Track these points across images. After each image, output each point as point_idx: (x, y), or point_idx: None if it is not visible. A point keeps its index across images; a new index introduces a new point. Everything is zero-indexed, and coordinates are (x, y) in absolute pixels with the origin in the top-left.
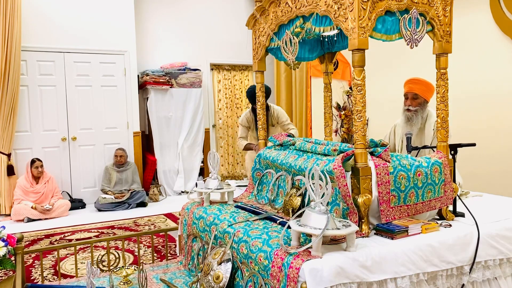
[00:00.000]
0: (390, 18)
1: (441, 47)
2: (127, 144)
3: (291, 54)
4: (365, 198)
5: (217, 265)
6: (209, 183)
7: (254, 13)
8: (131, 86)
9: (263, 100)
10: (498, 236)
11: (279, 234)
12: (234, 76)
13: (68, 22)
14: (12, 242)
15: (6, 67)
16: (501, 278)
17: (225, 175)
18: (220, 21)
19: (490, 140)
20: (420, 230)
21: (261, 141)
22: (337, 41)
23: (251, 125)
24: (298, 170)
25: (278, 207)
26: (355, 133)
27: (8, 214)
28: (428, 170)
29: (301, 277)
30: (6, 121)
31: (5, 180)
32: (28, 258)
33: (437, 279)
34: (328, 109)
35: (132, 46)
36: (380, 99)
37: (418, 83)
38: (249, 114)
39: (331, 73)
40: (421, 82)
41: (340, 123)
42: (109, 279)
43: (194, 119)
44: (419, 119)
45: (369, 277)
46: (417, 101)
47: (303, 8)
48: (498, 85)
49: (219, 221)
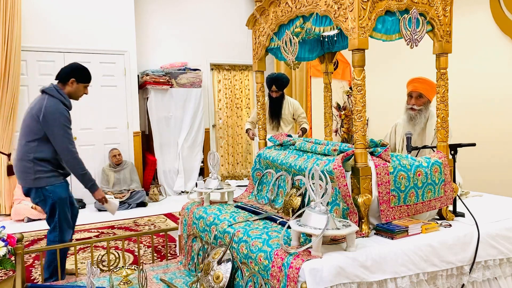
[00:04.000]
0: (390, 18)
1: (441, 47)
2: (127, 144)
3: (291, 54)
4: (365, 198)
5: (217, 265)
6: (209, 183)
7: (254, 13)
8: (131, 86)
9: (263, 100)
10: (498, 236)
11: (279, 234)
12: (234, 76)
13: (68, 22)
14: (12, 242)
15: (6, 67)
16: (501, 278)
17: (225, 175)
18: (220, 21)
19: (489, 140)
20: (420, 230)
21: (261, 141)
22: (337, 41)
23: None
24: (298, 170)
25: (278, 207)
26: (355, 133)
27: (8, 214)
28: (428, 170)
29: (301, 277)
30: (6, 121)
31: (5, 180)
32: (28, 258)
33: (437, 279)
34: (328, 109)
35: (132, 46)
36: (379, 99)
37: (423, 83)
38: (266, 98)
39: (331, 73)
40: (426, 81)
41: (340, 123)
42: (109, 279)
43: (194, 119)
44: (422, 118)
45: (369, 277)
46: (421, 100)
47: (303, 8)
48: (498, 85)
49: (219, 221)
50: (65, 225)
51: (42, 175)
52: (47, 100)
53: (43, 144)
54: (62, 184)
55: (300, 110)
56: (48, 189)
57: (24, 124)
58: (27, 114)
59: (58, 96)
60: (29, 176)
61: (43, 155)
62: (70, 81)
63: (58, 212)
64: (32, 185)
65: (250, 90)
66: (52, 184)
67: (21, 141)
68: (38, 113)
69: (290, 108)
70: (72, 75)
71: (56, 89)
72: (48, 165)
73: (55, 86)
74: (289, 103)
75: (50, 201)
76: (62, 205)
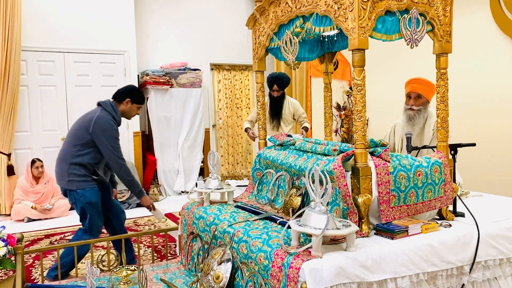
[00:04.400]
0: (390, 18)
1: (441, 47)
2: (127, 144)
3: (291, 54)
4: (365, 198)
5: (217, 265)
6: (209, 183)
7: (254, 13)
8: None
9: (263, 100)
10: (498, 236)
11: (279, 234)
12: (234, 76)
13: (68, 22)
14: (12, 242)
15: (6, 67)
16: (501, 278)
17: (225, 175)
18: (220, 21)
19: (489, 140)
20: (420, 230)
21: (261, 141)
22: (337, 41)
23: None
24: (298, 170)
25: (278, 207)
26: (355, 133)
27: (8, 214)
28: (428, 170)
29: (301, 277)
30: (6, 121)
31: (5, 180)
32: (28, 258)
33: (437, 279)
34: (328, 109)
35: (132, 46)
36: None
37: (422, 83)
38: (267, 98)
39: (331, 73)
40: (424, 82)
41: (340, 123)
42: (109, 279)
43: (194, 119)
44: (421, 118)
45: (369, 277)
46: (420, 100)
47: (303, 8)
48: (498, 85)
49: (219, 221)
50: (94, 229)
51: (74, 178)
52: (100, 112)
53: (83, 150)
54: (93, 189)
55: (300, 110)
56: (78, 193)
57: (73, 129)
58: (79, 120)
59: (110, 111)
60: (64, 178)
61: (80, 160)
62: (125, 101)
63: (89, 216)
64: (66, 187)
65: (250, 90)
66: (83, 188)
67: (65, 143)
68: (89, 122)
69: (290, 108)
70: (128, 95)
71: (111, 105)
72: (82, 170)
73: (111, 102)
74: (290, 103)
75: (80, 205)
76: (92, 209)
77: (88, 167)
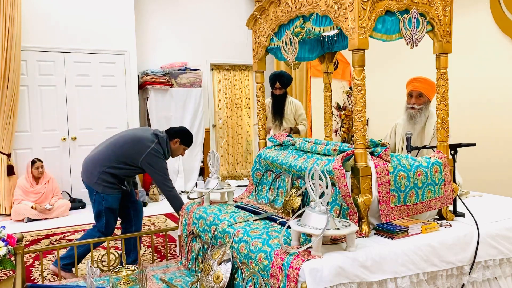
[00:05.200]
0: (390, 18)
1: (441, 47)
2: None
3: (291, 54)
4: (365, 198)
5: (217, 265)
6: (209, 183)
7: (254, 13)
8: (131, 86)
9: (263, 100)
10: (498, 236)
11: (279, 234)
12: (234, 76)
13: (68, 22)
14: (12, 242)
15: (6, 67)
16: (501, 278)
17: (225, 175)
18: (220, 21)
19: (489, 140)
20: (420, 230)
21: (261, 141)
22: (337, 41)
23: (268, 110)
24: (298, 170)
25: (278, 207)
26: (355, 133)
27: (8, 214)
28: (428, 170)
29: (301, 277)
30: (6, 121)
31: (5, 180)
32: (28, 258)
33: (437, 279)
34: (328, 109)
35: (132, 46)
36: (379, 99)
37: (424, 82)
38: (269, 99)
39: (331, 73)
40: (426, 81)
41: (340, 123)
42: (109, 279)
43: (194, 119)
44: (423, 117)
45: (369, 277)
46: (421, 99)
47: (303, 8)
48: (498, 85)
49: (219, 221)
50: (110, 231)
51: (102, 183)
52: (155, 145)
53: (122, 165)
54: (116, 196)
55: (300, 111)
56: (102, 196)
57: (122, 141)
58: (131, 137)
59: (164, 147)
60: (92, 179)
61: (115, 171)
62: (175, 140)
63: (106, 219)
64: (91, 185)
65: (250, 90)
66: (107, 193)
67: (106, 149)
68: (143, 148)
69: (292, 108)
70: (178, 135)
71: (166, 141)
72: (112, 179)
73: (166, 138)
74: (292, 104)
75: (100, 207)
76: (109, 214)
77: (118, 177)
